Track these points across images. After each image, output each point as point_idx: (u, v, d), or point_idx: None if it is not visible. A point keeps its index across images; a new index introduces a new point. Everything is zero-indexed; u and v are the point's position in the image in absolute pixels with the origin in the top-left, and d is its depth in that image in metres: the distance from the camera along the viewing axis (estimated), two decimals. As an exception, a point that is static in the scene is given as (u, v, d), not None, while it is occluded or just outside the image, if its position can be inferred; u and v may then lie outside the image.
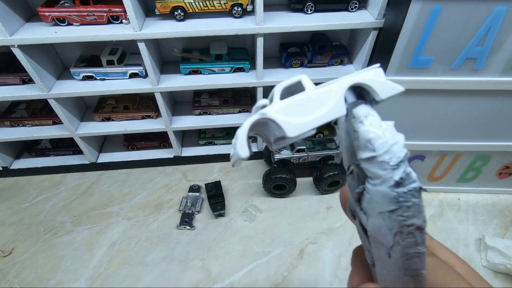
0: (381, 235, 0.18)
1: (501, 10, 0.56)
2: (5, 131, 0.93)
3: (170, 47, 0.89)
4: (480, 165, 0.87)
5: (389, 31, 0.66)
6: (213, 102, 0.97)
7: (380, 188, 0.17)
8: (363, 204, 0.19)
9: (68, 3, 0.72)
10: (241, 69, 0.88)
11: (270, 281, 0.75)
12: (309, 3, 0.75)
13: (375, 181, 0.17)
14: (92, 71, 0.83)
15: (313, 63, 0.88)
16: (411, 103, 0.72)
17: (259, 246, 0.82)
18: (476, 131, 0.77)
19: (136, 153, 1.06)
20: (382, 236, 0.18)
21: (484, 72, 0.65)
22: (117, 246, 0.82)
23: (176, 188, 0.98)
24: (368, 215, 0.19)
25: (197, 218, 0.89)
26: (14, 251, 0.82)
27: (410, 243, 0.17)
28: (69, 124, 0.89)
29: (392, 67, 0.66)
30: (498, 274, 0.76)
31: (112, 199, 0.94)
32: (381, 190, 0.17)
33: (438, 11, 0.57)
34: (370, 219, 0.18)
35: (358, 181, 0.19)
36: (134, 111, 0.94)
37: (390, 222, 0.17)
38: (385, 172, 0.17)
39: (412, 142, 0.80)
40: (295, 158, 0.90)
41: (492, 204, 0.92)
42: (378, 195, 0.17)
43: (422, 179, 0.92)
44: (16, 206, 0.93)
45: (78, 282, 0.75)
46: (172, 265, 0.78)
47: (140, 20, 0.73)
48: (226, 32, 0.73)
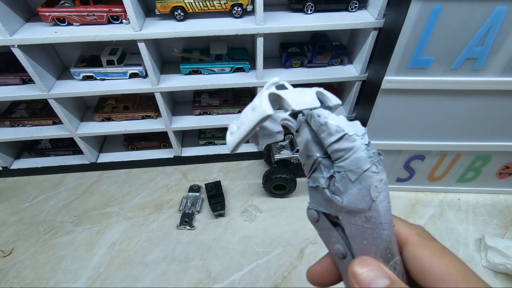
0: (359, 199, 0.21)
1: (501, 10, 0.56)
2: (5, 131, 0.93)
3: (170, 47, 0.89)
4: (480, 165, 0.87)
5: (389, 31, 0.66)
6: (213, 102, 0.97)
7: (355, 155, 0.21)
8: (334, 187, 0.23)
9: (68, 3, 0.72)
10: (241, 69, 0.88)
11: (270, 281, 0.75)
12: (309, 3, 0.75)
13: (349, 153, 0.21)
14: (92, 71, 0.83)
15: (313, 63, 0.88)
16: (411, 103, 0.72)
17: (259, 246, 0.82)
18: (476, 131, 0.77)
19: (136, 153, 1.06)
20: (360, 200, 0.21)
21: (484, 72, 0.65)
22: (117, 246, 0.82)
23: (176, 188, 0.98)
24: (342, 192, 0.22)
25: (197, 218, 0.89)
26: (14, 251, 0.82)
27: (385, 196, 0.21)
28: (69, 124, 0.89)
29: (392, 67, 0.66)
30: (498, 274, 0.76)
31: (112, 199, 0.94)
32: (356, 156, 0.21)
33: (438, 11, 0.57)
34: (345, 195, 0.22)
35: (325, 171, 0.24)
36: (134, 111, 0.94)
37: (365, 182, 0.21)
38: (355, 142, 0.21)
39: (412, 142, 0.80)
40: (295, 158, 0.90)
41: (492, 204, 0.92)
42: (353, 163, 0.21)
43: (422, 179, 0.92)
44: (16, 206, 0.93)
45: (78, 282, 0.75)
46: (172, 265, 0.78)
47: (140, 20, 0.73)
48: (226, 32, 0.73)
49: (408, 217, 0.89)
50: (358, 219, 0.22)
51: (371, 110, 0.74)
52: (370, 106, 0.74)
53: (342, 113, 0.97)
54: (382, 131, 0.79)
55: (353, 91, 0.89)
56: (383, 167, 0.22)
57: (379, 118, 0.76)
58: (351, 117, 0.97)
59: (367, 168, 0.21)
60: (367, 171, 0.21)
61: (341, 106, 1.00)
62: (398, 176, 0.92)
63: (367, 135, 0.22)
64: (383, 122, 0.76)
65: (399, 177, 0.92)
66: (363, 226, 0.22)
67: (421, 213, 0.90)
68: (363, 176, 0.21)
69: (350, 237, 0.23)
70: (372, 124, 0.77)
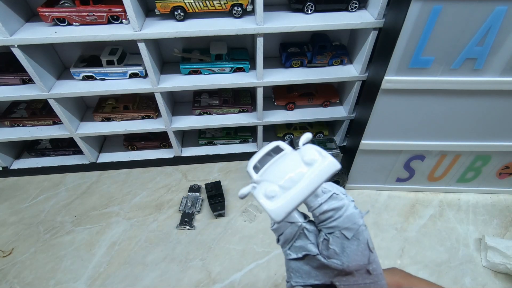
0: (359, 255, 0.21)
1: (501, 10, 0.56)
2: (5, 131, 0.93)
3: (170, 47, 0.89)
4: (480, 165, 0.87)
5: (389, 31, 0.66)
6: (213, 102, 0.97)
7: (348, 213, 0.21)
8: (328, 251, 0.22)
9: (68, 3, 0.72)
10: (241, 69, 0.88)
11: (270, 281, 0.75)
12: (309, 3, 0.75)
13: (340, 212, 0.21)
14: (92, 71, 0.83)
15: (313, 63, 0.88)
16: (411, 103, 0.72)
17: (259, 246, 0.82)
18: (476, 131, 0.77)
19: (136, 153, 1.06)
20: (360, 255, 0.21)
21: (484, 72, 0.65)
22: (117, 246, 0.82)
23: (176, 188, 0.98)
24: (338, 254, 0.21)
25: (197, 218, 0.89)
26: (14, 251, 0.82)
27: (373, 244, 0.22)
28: (69, 124, 0.89)
29: (392, 67, 0.66)
30: (498, 274, 0.76)
31: (112, 199, 0.94)
32: (349, 213, 0.21)
33: (438, 11, 0.57)
34: (343, 255, 0.21)
35: (311, 236, 0.23)
36: (134, 111, 0.94)
37: (362, 236, 0.21)
38: (343, 200, 0.22)
39: (412, 142, 0.80)
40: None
41: (492, 204, 0.92)
42: (348, 220, 0.21)
43: (422, 179, 0.92)
44: (16, 206, 0.93)
45: (78, 282, 0.75)
46: (172, 265, 0.78)
47: (140, 20, 0.73)
48: (226, 32, 0.73)
49: (408, 217, 0.89)
50: (359, 277, 0.21)
51: (371, 110, 0.74)
52: (370, 106, 0.74)
53: (342, 113, 0.97)
54: (382, 131, 0.79)
55: (353, 91, 0.90)
56: None
57: (379, 118, 0.76)
58: (351, 117, 0.97)
59: (361, 223, 0.21)
60: (362, 225, 0.21)
61: (341, 107, 1.00)
62: (398, 176, 0.92)
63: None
64: (383, 122, 0.77)
65: (399, 177, 0.92)
66: (364, 283, 0.22)
67: (421, 213, 0.90)
68: (359, 231, 0.21)
69: None
70: (372, 124, 0.77)
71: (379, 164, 0.88)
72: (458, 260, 0.79)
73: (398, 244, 0.82)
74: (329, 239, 0.21)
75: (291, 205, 0.19)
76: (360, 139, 0.82)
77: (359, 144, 0.82)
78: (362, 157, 0.87)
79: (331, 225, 0.21)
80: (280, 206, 0.19)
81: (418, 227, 0.86)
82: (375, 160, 0.87)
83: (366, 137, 0.81)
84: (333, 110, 0.99)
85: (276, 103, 0.98)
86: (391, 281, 0.23)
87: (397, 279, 0.24)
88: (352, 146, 0.89)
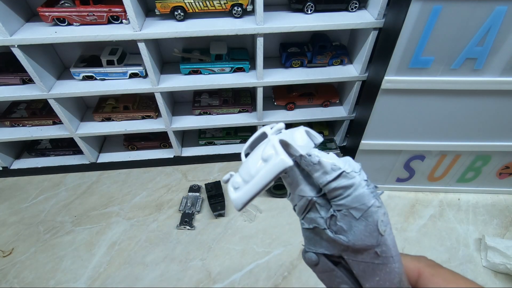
0: (367, 235, 0.21)
1: (501, 10, 0.56)
2: (5, 131, 0.93)
3: (170, 47, 0.89)
4: (480, 165, 0.87)
5: (389, 31, 0.66)
6: (213, 102, 0.97)
7: (357, 193, 0.21)
8: (336, 226, 0.22)
9: (68, 3, 0.72)
10: (241, 69, 0.88)
11: (270, 281, 0.75)
12: (309, 3, 0.75)
13: (349, 191, 0.21)
14: (92, 71, 0.83)
15: (313, 63, 0.88)
16: (411, 103, 0.72)
17: (259, 246, 0.82)
18: (476, 131, 0.77)
19: (136, 153, 1.06)
20: (368, 236, 0.21)
21: (484, 72, 0.65)
22: (117, 246, 0.82)
23: (176, 188, 0.98)
24: (346, 231, 0.22)
25: (197, 218, 0.89)
26: (14, 251, 0.82)
27: (390, 229, 0.21)
28: (69, 124, 0.89)
29: (392, 67, 0.66)
30: (498, 274, 0.76)
31: (112, 199, 0.94)
32: (358, 193, 0.21)
33: (438, 11, 0.57)
34: (350, 233, 0.21)
35: (322, 210, 0.23)
36: (134, 111, 0.94)
37: (372, 218, 0.21)
38: (354, 179, 0.21)
39: (412, 142, 0.80)
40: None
41: (492, 204, 0.92)
42: (356, 200, 0.21)
43: (422, 179, 0.92)
44: (16, 206, 0.93)
45: (78, 282, 0.75)
46: (172, 265, 0.78)
47: (140, 20, 0.73)
48: (226, 32, 0.73)
49: (408, 217, 0.89)
50: (366, 256, 0.22)
51: (371, 110, 0.74)
52: (370, 106, 0.74)
53: (342, 113, 0.97)
54: (382, 131, 0.79)
55: (353, 91, 0.89)
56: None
57: (379, 118, 0.76)
58: (351, 117, 0.97)
59: (371, 204, 0.21)
60: (372, 206, 0.21)
61: (341, 107, 1.00)
62: (398, 176, 0.92)
63: (363, 171, 0.22)
64: (383, 122, 0.77)
65: (399, 177, 0.92)
66: (373, 262, 0.21)
67: (421, 213, 0.90)
68: (368, 212, 0.21)
69: (360, 276, 0.22)
70: (372, 124, 0.77)
71: (379, 164, 0.89)
72: (458, 260, 0.79)
73: (398, 244, 0.82)
74: (337, 216, 0.22)
75: (246, 198, 0.22)
76: (360, 139, 0.82)
77: (359, 144, 0.83)
78: (362, 157, 0.87)
79: (339, 203, 0.21)
80: (239, 197, 0.22)
81: (418, 227, 0.86)
82: (375, 160, 0.87)
83: (366, 137, 0.81)
84: (333, 110, 0.99)
85: (276, 103, 0.98)
86: (413, 267, 0.23)
87: (420, 266, 0.23)
88: (352, 146, 0.89)
